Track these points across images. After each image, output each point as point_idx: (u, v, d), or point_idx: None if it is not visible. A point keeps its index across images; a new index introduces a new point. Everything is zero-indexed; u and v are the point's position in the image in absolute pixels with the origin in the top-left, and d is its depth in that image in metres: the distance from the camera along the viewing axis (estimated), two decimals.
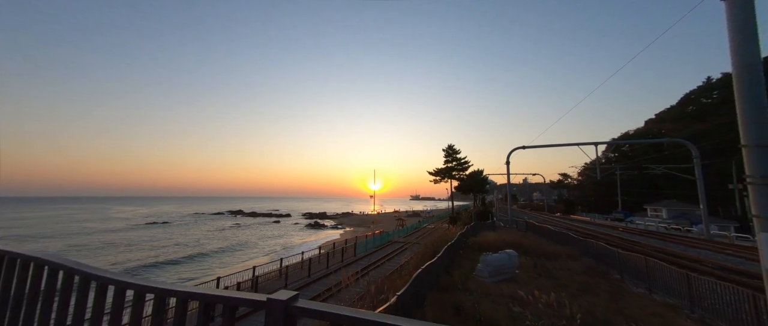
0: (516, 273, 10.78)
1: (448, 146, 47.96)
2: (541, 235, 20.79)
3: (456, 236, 14.87)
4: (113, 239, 39.96)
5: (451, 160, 47.33)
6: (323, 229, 59.06)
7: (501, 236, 18.11)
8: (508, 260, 10.87)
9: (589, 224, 35.45)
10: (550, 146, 28.60)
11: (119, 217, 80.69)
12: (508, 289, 8.67)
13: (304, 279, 15.09)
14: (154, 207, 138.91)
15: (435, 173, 47.96)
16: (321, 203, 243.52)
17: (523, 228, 25.00)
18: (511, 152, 28.82)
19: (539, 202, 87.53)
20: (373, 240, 26.04)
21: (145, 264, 27.15)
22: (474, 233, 20.23)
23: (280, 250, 34.45)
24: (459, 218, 38.17)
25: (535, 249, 14.90)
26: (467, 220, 32.70)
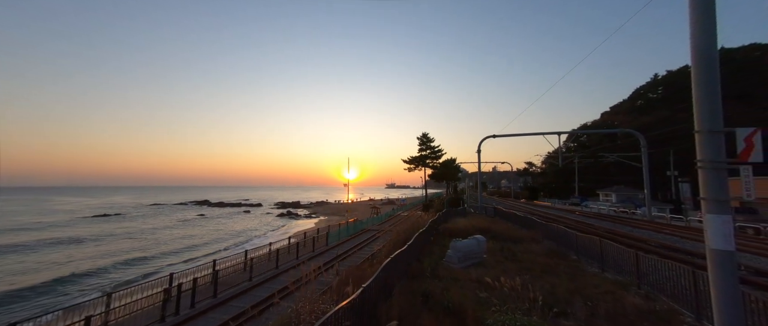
0: (483, 258, 11.03)
1: (423, 135, 48.30)
2: (508, 220, 21.76)
3: (428, 223, 14.95)
4: (57, 236, 35.60)
5: (426, 148, 47.82)
6: (296, 218, 57.56)
7: (471, 222, 18.61)
8: (477, 245, 11.07)
9: (550, 209, 38.02)
10: (518, 135, 29.76)
11: (63, 209, 72.24)
12: (476, 274, 8.78)
13: (272, 271, 14.41)
14: (107, 198, 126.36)
15: (409, 162, 48.30)
16: (296, 192, 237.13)
17: (492, 214, 26.05)
18: (483, 140, 29.58)
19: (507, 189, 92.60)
20: (347, 229, 25.70)
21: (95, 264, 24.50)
22: (445, 220, 20.62)
23: (244, 242, 32.93)
24: (432, 206, 39.02)
25: (502, 234, 15.47)
26: (440, 207, 33.46)
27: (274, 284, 12.68)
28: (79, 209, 74.18)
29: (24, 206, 79.29)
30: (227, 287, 12.12)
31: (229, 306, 10.41)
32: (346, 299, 4.70)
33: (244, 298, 11.05)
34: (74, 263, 24.06)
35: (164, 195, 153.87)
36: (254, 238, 35.49)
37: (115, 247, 30.07)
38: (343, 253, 17.97)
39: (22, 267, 22.87)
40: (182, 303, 9.87)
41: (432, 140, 48.26)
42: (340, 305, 4.36)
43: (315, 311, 5.02)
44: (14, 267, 23.04)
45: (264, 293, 11.44)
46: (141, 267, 23.34)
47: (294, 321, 4.94)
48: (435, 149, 47.95)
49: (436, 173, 50.21)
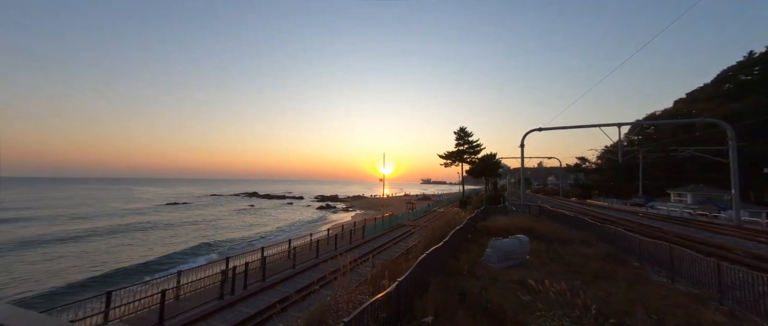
0: (526, 259, 10.38)
1: (460, 129, 46.67)
2: (555, 220, 20.11)
3: (465, 221, 14.50)
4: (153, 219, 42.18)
5: (463, 143, 46.18)
6: (334, 211, 60.09)
7: (512, 220, 17.58)
8: (519, 245, 10.44)
9: (606, 209, 34.17)
10: (569, 127, 27.12)
11: (142, 198, 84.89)
12: (517, 275, 8.31)
13: (312, 260, 15.27)
14: (174, 189, 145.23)
15: (446, 157, 47.12)
16: (333, 186, 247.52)
17: (536, 213, 24.30)
18: (526, 134, 27.57)
19: (554, 186, 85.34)
20: (382, 223, 26.09)
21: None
22: (484, 218, 19.79)
23: (290, 231, 35.32)
24: (469, 202, 37.71)
25: (547, 234, 14.37)
26: (478, 204, 32.19)
27: (314, 272, 13.43)
28: (155, 197, 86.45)
29: (113, 195, 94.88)
30: (274, 272, 13.18)
31: (276, 289, 11.32)
32: (382, 291, 4.79)
33: (289, 284, 11.90)
34: (185, 240, 28.68)
35: (220, 187, 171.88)
36: (296, 228, 37.95)
37: (200, 231, 34.64)
38: (378, 247, 18.32)
39: (142, 246, 27.60)
40: (237, 284, 11.00)
41: (470, 135, 46.41)
42: (376, 297, 4.46)
43: (352, 301, 5.21)
44: (140, 243, 28.03)
45: (305, 280, 12.20)
46: (223, 245, 26.93)
47: (333, 308, 5.19)
48: (473, 144, 46.05)
49: (474, 168, 48.26)
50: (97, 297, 8.34)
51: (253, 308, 9.46)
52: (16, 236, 29.24)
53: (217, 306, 9.58)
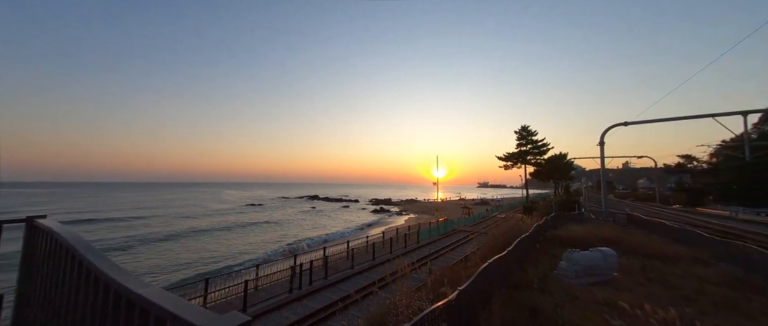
0: (613, 276, 8.83)
1: (522, 128, 42.76)
2: (651, 231, 16.70)
3: (532, 228, 13.12)
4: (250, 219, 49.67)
5: (526, 143, 42.16)
6: (388, 214, 61.04)
7: (591, 230, 15.22)
8: (603, 259, 8.96)
9: (727, 219, 26.89)
10: (667, 119, 22.31)
11: (229, 200, 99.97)
12: (602, 295, 7.12)
13: (369, 262, 15.72)
14: (251, 192, 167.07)
15: (505, 159, 43.64)
16: (387, 189, 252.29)
17: (624, 222, 20.60)
18: (607, 130, 23.72)
19: (647, 190, 71.18)
20: (437, 228, 25.43)
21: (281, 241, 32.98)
22: (555, 226, 17.62)
23: (347, 232, 37.08)
24: (535, 208, 34.05)
25: (641, 248, 12.02)
26: (546, 210, 28.87)
27: (371, 274, 13.80)
28: (237, 199, 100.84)
29: (208, 197, 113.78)
30: (335, 271, 13.99)
31: (337, 288, 11.98)
32: (442, 299, 4.63)
33: (348, 283, 12.47)
34: (271, 238, 33.26)
35: (286, 190, 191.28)
36: (352, 230, 39.71)
37: (277, 230, 39.44)
38: (434, 252, 17.87)
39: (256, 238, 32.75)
40: (303, 280, 12.01)
41: (533, 134, 42.13)
42: (436, 304, 4.34)
43: (411, 306, 5.17)
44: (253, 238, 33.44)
45: (364, 281, 12.61)
46: (294, 243, 30.33)
47: (392, 312, 5.23)
48: (538, 144, 41.65)
49: (540, 170, 43.54)
50: (198, 282, 10.07)
51: (318, 303, 10.17)
52: (146, 232, 36.74)
53: (288, 298, 10.59)
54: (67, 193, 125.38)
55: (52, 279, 1.55)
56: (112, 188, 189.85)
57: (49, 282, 1.58)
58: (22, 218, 1.97)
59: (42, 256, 1.77)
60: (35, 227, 1.91)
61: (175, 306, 0.81)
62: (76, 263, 1.30)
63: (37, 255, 1.87)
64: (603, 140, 23.96)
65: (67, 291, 1.35)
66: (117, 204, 73.61)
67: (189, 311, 0.78)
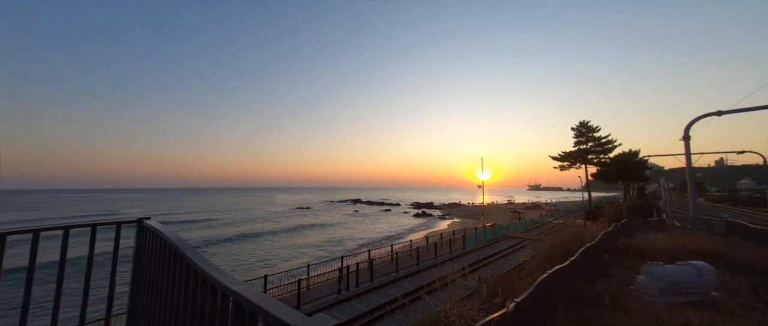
0: (712, 297, 7.31)
1: (580, 124, 38.46)
2: (762, 243, 13.48)
3: (598, 236, 11.61)
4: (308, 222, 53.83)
5: (585, 140, 37.75)
6: (430, 218, 59.82)
7: (677, 240, 12.87)
8: (696, 275, 7.49)
9: None
10: None
11: (281, 203, 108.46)
12: (699, 319, 5.93)
13: (414, 267, 15.53)
14: (298, 196, 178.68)
15: (561, 159, 39.59)
16: (429, 193, 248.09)
17: (723, 231, 17.04)
18: (693, 122, 20.05)
19: (753, 193, 58.06)
20: (484, 233, 24.08)
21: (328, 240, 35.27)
22: (628, 234, 15.35)
23: (390, 236, 37.23)
24: (601, 213, 30.17)
25: (751, 264, 9.77)
26: (615, 216, 25.40)
27: (416, 279, 13.61)
28: (288, 203, 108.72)
29: (264, 200, 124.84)
30: (380, 274, 14.14)
31: (383, 291, 12.07)
32: (499, 311, 4.32)
33: (394, 287, 12.47)
34: (323, 239, 35.58)
35: (330, 194, 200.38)
36: (395, 233, 39.76)
37: (326, 233, 41.81)
38: (482, 259, 16.91)
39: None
40: (350, 281, 12.37)
41: (595, 130, 37.54)
42: (491, 316, 4.06)
43: (463, 315, 4.93)
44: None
45: (409, 286, 12.49)
46: (341, 245, 31.65)
47: (442, 320, 5.06)
48: (601, 141, 36.97)
49: (605, 171, 38.54)
50: (257, 279, 11.05)
51: (365, 306, 10.36)
52: (214, 233, 41.18)
53: (336, 299, 10.99)
54: (153, 197, 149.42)
55: (158, 271, 1.83)
56: (182, 194, 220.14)
57: (155, 274, 1.87)
58: (134, 219, 2.38)
59: (149, 252, 2.10)
60: (143, 227, 2.28)
61: (266, 303, 0.88)
62: (178, 258, 1.51)
63: (145, 251, 2.23)
64: (688, 134, 20.27)
65: (171, 283, 1.57)
66: (190, 207, 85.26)
67: (281, 309, 0.83)
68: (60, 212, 68.33)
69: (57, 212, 70.06)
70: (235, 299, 1.00)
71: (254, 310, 0.91)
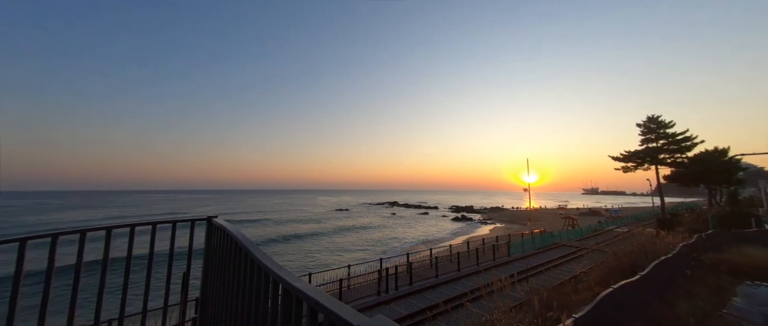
0: None
1: (649, 119, 33.70)
2: None
3: (676, 248, 9.99)
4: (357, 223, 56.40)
5: (656, 138, 32.91)
6: (470, 223, 57.35)
7: None
8: None
9: None
10: None
11: (322, 204, 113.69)
12: None
13: (454, 273, 15.00)
14: (338, 198, 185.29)
15: (625, 159, 35.04)
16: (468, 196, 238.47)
17: None
18: None
19: None
20: (532, 240, 22.29)
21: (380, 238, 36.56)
22: (716, 247, 12.93)
23: (428, 240, 36.51)
24: (677, 222, 25.97)
25: None
26: (697, 225, 21.68)
27: (457, 285, 13.11)
28: (328, 204, 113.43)
29: (306, 202, 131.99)
30: (419, 279, 13.93)
31: (422, 296, 11.87)
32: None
33: (434, 293, 12.18)
34: (366, 241, 36.94)
35: (366, 197, 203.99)
36: (433, 237, 38.90)
37: (365, 234, 43.10)
38: (530, 268, 15.66)
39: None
40: (389, 284, 12.40)
41: (668, 125, 32.53)
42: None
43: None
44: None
45: (450, 292, 12.08)
46: (380, 246, 32.16)
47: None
48: (675, 137, 31.88)
49: (681, 173, 33.09)
50: (303, 276, 11.68)
51: (405, 309, 10.28)
52: (270, 232, 43.18)
53: (376, 300, 11.09)
54: (214, 198, 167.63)
55: (224, 264, 2.04)
56: (237, 195, 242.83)
57: (223, 266, 2.09)
58: (204, 217, 2.69)
59: (217, 247, 2.36)
60: (212, 224, 2.56)
61: (327, 300, 0.91)
62: (242, 253, 1.66)
63: (213, 245, 2.50)
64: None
65: (236, 275, 1.74)
66: (245, 207, 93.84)
67: (341, 308, 0.85)
68: (154, 210, 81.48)
69: (150, 209, 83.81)
70: (297, 294, 1.06)
71: (315, 306, 0.94)
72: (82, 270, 2.11)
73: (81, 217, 63.18)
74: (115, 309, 2.33)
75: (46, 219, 58.37)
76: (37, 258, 2.09)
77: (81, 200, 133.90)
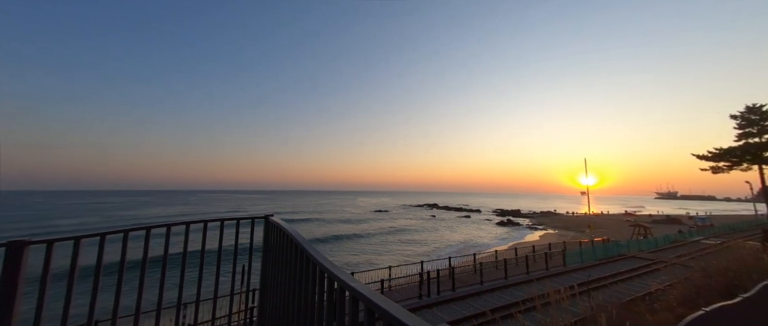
0: None
1: (749, 109, 27.95)
2: None
3: None
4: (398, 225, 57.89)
5: (758, 131, 27.10)
6: (517, 228, 53.46)
7: None
8: None
9: None
10: None
11: (361, 206, 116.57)
12: None
13: (500, 281, 14.12)
14: (376, 199, 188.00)
15: (716, 157, 29.43)
16: (515, 199, 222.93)
17: None
18: None
19: None
20: (592, 250, 19.94)
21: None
22: None
23: (470, 245, 34.93)
24: None
25: None
26: None
27: (504, 294, 12.32)
28: (368, 206, 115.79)
29: (346, 203, 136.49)
30: (462, 284, 13.42)
31: (466, 302, 11.41)
32: None
33: (479, 300, 11.61)
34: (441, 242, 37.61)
35: (405, 198, 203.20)
36: (475, 242, 37.11)
37: (407, 236, 43.40)
38: (592, 280, 13.99)
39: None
40: (430, 288, 12.17)
41: None
42: None
43: None
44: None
45: (497, 301, 11.40)
46: (419, 248, 32.14)
47: None
48: None
49: None
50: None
51: (448, 315, 9.98)
52: (318, 231, 44.09)
53: (418, 304, 10.97)
54: (266, 198, 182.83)
55: (280, 259, 2.22)
56: (276, 195, 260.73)
57: (279, 261, 2.27)
58: (262, 216, 2.95)
59: (274, 243, 2.57)
60: (269, 222, 2.80)
61: (386, 303, 0.90)
62: (299, 251, 1.78)
63: (271, 242, 2.73)
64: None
65: (291, 269, 1.88)
66: (291, 207, 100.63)
67: (401, 312, 0.84)
68: (218, 207, 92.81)
69: (215, 207, 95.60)
70: (353, 294, 1.06)
71: (372, 307, 0.94)
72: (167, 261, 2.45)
73: (169, 212, 74.52)
74: (190, 295, 2.69)
75: (149, 213, 71.27)
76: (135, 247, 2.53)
77: (163, 198, 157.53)
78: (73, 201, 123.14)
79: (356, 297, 1.05)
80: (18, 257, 1.80)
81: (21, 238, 1.85)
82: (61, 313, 1.85)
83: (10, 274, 1.76)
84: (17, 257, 1.80)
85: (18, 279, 1.77)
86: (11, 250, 1.80)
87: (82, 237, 2.02)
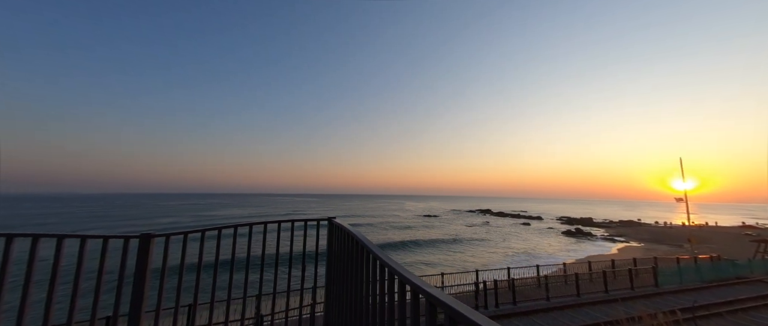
0: None
1: None
2: None
3: None
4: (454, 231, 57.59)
5: None
6: (588, 239, 46.73)
7: None
8: None
9: None
10: None
11: (409, 210, 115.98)
12: None
13: (572, 298, 12.44)
14: (425, 203, 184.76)
15: None
16: (586, 206, 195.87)
17: None
18: None
19: None
20: (696, 269, 16.25)
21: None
22: None
23: (530, 255, 31.69)
24: None
25: None
26: None
27: (576, 314, 10.80)
28: (416, 210, 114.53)
29: (394, 207, 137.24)
30: (523, 299, 12.22)
31: (530, 319, 10.34)
32: None
33: (545, 318, 10.42)
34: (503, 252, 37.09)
35: (455, 203, 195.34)
36: (539, 252, 33.55)
37: (458, 244, 42.30)
38: (699, 307, 11.36)
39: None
40: (488, 299, 11.36)
41: None
42: None
43: None
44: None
45: (567, 320, 10.07)
46: (470, 253, 30.87)
47: None
48: None
49: None
50: None
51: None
52: (372, 237, 46.58)
53: None
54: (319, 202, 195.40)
55: (344, 256, 2.31)
56: (327, 199, 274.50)
57: (344, 264, 2.35)
58: (326, 218, 3.12)
59: (338, 243, 2.68)
60: (333, 224, 2.95)
61: (467, 310, 0.85)
62: (365, 251, 1.81)
63: (335, 242, 2.86)
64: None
65: (355, 267, 1.93)
66: (344, 211, 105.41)
67: (470, 312, 0.78)
68: (281, 210, 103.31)
69: (279, 209, 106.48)
70: (427, 298, 1.03)
71: (451, 313, 0.90)
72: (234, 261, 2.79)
73: (238, 213, 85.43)
74: (266, 289, 3.01)
75: (228, 213, 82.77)
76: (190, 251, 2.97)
77: (230, 200, 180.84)
78: (173, 203, 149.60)
79: (433, 302, 1.02)
80: (146, 247, 2.24)
81: (148, 231, 2.31)
82: (175, 297, 2.28)
83: (141, 261, 2.21)
84: (146, 247, 2.24)
85: (146, 267, 2.21)
86: (143, 241, 2.25)
87: (189, 232, 2.49)
